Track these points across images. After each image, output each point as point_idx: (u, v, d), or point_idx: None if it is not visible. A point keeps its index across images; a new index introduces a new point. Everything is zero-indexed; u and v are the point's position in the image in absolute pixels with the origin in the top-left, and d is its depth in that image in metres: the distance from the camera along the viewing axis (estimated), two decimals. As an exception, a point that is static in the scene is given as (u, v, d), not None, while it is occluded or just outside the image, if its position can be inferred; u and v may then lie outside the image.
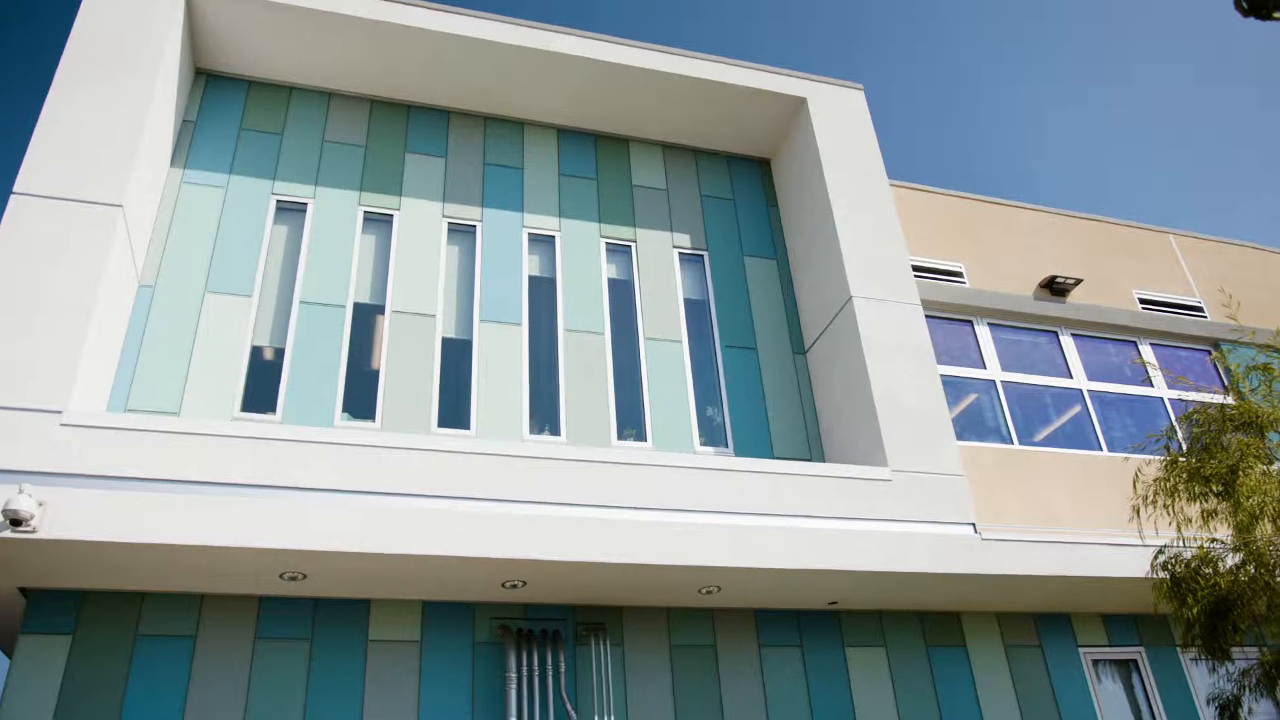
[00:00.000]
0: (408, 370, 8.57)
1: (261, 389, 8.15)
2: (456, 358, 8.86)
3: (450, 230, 9.53)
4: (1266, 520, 6.43)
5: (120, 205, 7.39)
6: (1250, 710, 6.90)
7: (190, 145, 9.00)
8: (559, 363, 9.09)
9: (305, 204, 9.14)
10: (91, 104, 7.79)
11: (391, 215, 9.36)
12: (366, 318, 8.83)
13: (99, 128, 7.70)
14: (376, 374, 8.52)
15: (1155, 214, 35.29)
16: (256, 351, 8.34)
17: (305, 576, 7.01)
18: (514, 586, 7.52)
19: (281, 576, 6.97)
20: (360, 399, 8.38)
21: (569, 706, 7.47)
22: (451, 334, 8.96)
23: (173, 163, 8.84)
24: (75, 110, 7.73)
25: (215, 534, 6.38)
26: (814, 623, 8.65)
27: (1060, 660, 9.29)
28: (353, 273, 8.92)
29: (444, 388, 8.64)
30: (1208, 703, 8.63)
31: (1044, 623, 9.44)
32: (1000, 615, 9.33)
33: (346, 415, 8.25)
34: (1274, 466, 6.62)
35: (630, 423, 9.08)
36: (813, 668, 8.44)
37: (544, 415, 8.83)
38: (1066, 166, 33.17)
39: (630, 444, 8.91)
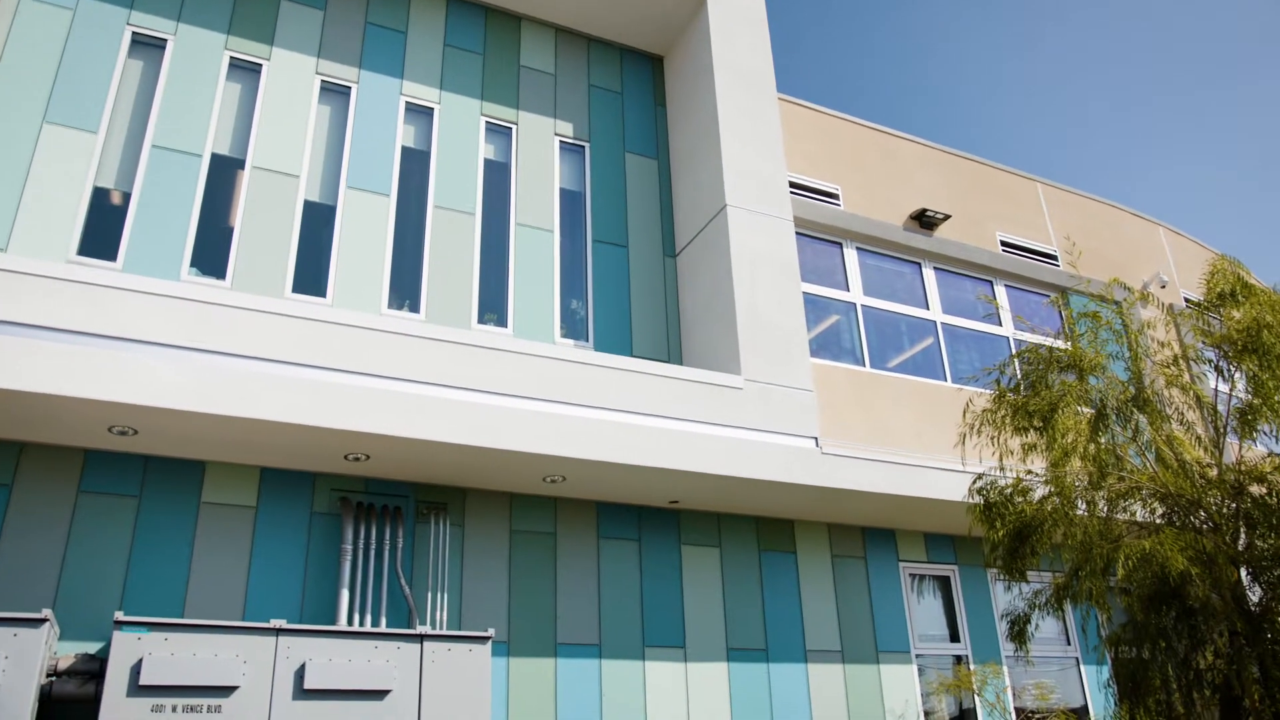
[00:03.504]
0: (265, 230, 8.21)
1: (102, 233, 7.68)
2: (318, 222, 8.53)
3: (323, 89, 9.05)
4: (1076, 457, 6.90)
5: (-52, 13, 6.73)
6: (1037, 626, 7.51)
7: (36, -43, 8.21)
8: (425, 239, 8.86)
9: (165, 40, 8.50)
10: (-80, -106, 6.99)
11: (260, 65, 8.82)
12: (225, 171, 8.37)
13: (-73, -78, 6.92)
14: (231, 231, 8.13)
15: (1033, 162, 36.53)
16: (100, 193, 7.83)
17: (136, 432, 6.76)
18: (357, 459, 7.45)
19: (110, 430, 6.71)
20: (211, 255, 8.00)
21: (403, 582, 7.52)
22: (315, 197, 8.60)
23: (15, -26, 8.06)
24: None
25: (38, 380, 6.06)
26: (653, 519, 8.91)
27: (881, 572, 9.88)
28: (213, 121, 8.40)
29: (302, 252, 8.33)
30: (1001, 618, 9.37)
31: (870, 536, 9.99)
32: (831, 526, 9.81)
33: (195, 270, 7.88)
34: (1088, 410, 7.07)
35: (492, 307, 8.98)
36: (648, 562, 8.72)
37: (405, 290, 8.64)
38: (957, 102, 33.86)
39: (490, 328, 8.84)
